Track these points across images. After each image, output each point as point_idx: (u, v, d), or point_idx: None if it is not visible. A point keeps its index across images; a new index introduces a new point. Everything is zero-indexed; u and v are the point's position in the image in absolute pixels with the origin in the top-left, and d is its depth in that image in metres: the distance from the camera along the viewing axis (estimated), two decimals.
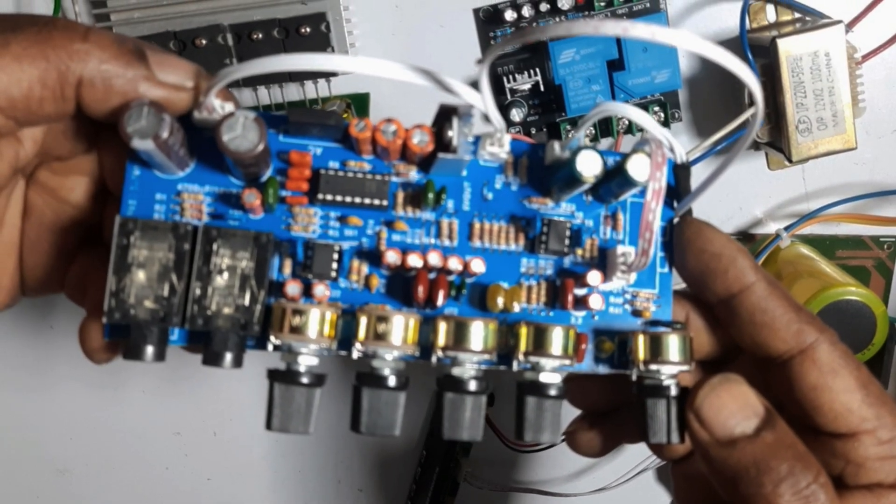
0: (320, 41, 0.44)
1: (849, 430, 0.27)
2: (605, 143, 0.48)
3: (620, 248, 0.29)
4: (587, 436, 0.32)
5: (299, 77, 0.45)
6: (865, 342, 0.43)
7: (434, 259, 0.27)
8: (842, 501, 0.26)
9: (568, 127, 0.47)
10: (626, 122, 0.46)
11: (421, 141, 0.27)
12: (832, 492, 0.25)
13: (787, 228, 0.48)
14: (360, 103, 0.46)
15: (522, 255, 0.29)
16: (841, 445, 0.27)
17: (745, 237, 0.49)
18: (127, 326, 0.26)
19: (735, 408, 0.26)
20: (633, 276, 0.29)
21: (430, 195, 0.27)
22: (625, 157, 0.26)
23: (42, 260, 0.29)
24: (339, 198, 0.27)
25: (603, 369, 0.29)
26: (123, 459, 0.55)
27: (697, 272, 0.28)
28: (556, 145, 0.28)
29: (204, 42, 0.44)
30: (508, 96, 0.46)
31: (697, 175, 0.47)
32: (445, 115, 0.26)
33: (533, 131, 0.47)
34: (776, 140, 0.44)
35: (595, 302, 0.28)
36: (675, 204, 0.30)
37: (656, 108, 0.46)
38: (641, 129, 0.47)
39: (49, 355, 0.53)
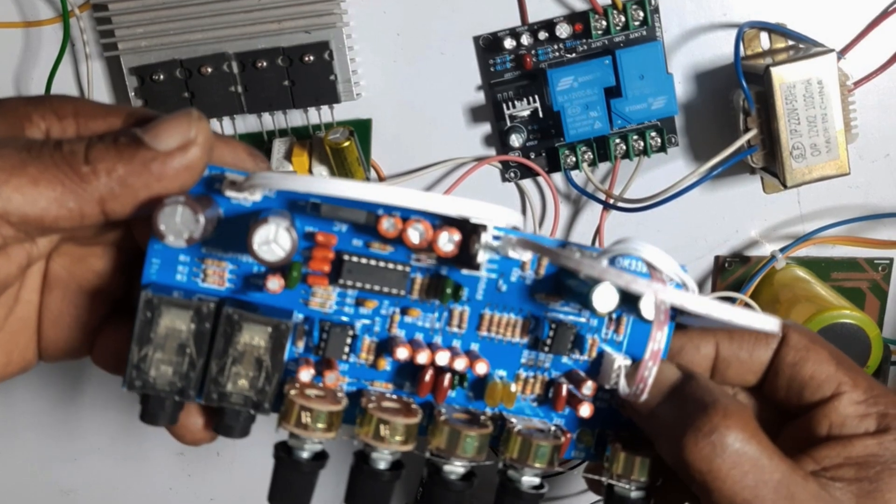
0: (324, 69, 0.45)
1: (830, 392, 0.31)
2: (603, 167, 0.49)
3: (617, 360, 0.30)
4: None
5: (303, 104, 0.46)
6: (861, 365, 0.44)
7: (441, 359, 0.29)
8: (813, 450, 0.29)
9: (566, 152, 0.47)
10: (624, 148, 0.47)
11: (447, 244, 0.27)
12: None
13: (782, 250, 0.49)
14: (362, 129, 0.47)
15: (525, 348, 0.31)
16: (822, 410, 0.30)
17: (741, 259, 0.50)
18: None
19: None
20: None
21: (448, 291, 0.28)
22: (636, 298, 0.27)
23: (65, 332, 0.29)
24: (359, 284, 0.28)
25: (578, 455, 0.32)
26: (127, 480, 0.55)
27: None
28: (577, 255, 0.28)
29: (209, 70, 0.45)
30: (508, 122, 0.47)
31: (693, 199, 0.48)
32: (473, 229, 0.27)
33: (532, 156, 0.48)
34: (771, 165, 0.45)
35: (584, 411, 0.30)
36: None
37: (653, 134, 0.47)
38: (642, 154, 0.47)
39: (54, 381, 0.53)
